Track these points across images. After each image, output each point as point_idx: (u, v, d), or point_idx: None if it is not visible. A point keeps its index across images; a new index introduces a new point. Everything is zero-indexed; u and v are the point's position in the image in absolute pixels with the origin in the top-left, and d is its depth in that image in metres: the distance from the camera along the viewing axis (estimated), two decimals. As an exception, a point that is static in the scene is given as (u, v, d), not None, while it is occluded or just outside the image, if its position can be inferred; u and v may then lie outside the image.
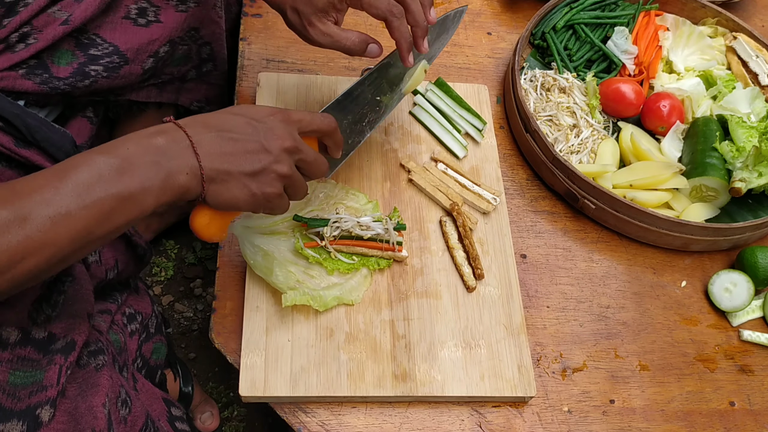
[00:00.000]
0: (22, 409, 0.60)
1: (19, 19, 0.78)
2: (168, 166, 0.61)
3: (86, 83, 0.85)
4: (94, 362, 0.69)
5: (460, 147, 1.03)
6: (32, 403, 0.61)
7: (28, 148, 0.76)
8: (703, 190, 1.05)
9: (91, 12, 0.82)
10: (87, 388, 0.66)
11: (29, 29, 0.79)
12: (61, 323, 0.68)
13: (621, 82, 1.12)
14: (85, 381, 0.67)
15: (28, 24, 0.79)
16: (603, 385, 0.91)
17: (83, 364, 0.69)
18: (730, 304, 0.99)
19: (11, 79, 0.79)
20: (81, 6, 0.82)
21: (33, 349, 0.63)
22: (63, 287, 0.74)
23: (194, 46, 1.01)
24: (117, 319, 0.88)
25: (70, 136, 0.81)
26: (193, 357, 1.37)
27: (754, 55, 1.19)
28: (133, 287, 0.97)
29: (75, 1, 0.82)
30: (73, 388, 0.66)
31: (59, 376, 0.63)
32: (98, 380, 0.68)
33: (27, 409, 0.60)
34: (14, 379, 0.60)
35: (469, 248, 0.92)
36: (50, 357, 0.64)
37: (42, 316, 0.69)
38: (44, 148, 0.77)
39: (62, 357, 0.65)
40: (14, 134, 0.75)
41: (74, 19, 0.81)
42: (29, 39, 0.79)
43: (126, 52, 0.88)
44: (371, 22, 1.19)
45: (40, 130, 0.76)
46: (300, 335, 0.83)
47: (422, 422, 0.83)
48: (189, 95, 1.09)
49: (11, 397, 0.60)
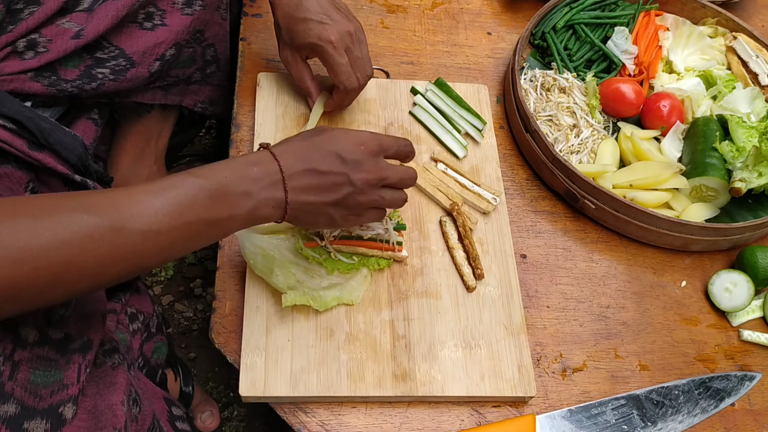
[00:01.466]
0: (45, 408, 0.61)
1: (25, 25, 0.78)
2: (258, 198, 0.67)
3: (93, 86, 0.86)
4: (109, 361, 0.70)
5: (460, 147, 1.03)
6: (54, 402, 0.61)
7: (40, 151, 0.76)
8: (703, 190, 1.05)
9: (104, 27, 0.83)
10: (105, 386, 0.67)
11: (37, 37, 0.80)
12: (76, 323, 0.69)
13: (621, 82, 1.12)
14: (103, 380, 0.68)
15: (36, 32, 0.80)
16: (603, 385, 0.91)
17: (99, 363, 0.69)
18: (730, 304, 0.99)
19: (20, 82, 0.80)
20: (93, 21, 0.82)
21: (51, 350, 0.64)
22: None
23: (199, 48, 1.02)
24: (121, 319, 0.89)
25: (81, 139, 0.81)
26: (193, 357, 1.37)
27: (754, 55, 1.19)
28: (134, 287, 0.97)
29: (86, 14, 0.82)
30: (92, 387, 0.66)
31: (79, 375, 0.64)
32: (115, 379, 0.68)
33: (50, 408, 0.61)
34: (35, 378, 0.61)
35: (469, 248, 0.92)
36: (68, 357, 0.64)
37: (56, 316, 0.69)
38: (57, 150, 0.78)
39: (80, 356, 0.65)
40: (27, 137, 0.75)
41: (87, 34, 0.82)
42: (39, 47, 0.80)
43: (132, 56, 0.88)
44: (371, 22, 1.20)
45: (53, 133, 0.77)
46: (300, 335, 0.83)
47: (422, 422, 0.83)
48: (193, 96, 1.09)
49: (33, 395, 0.60)
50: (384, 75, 1.12)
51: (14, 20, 0.78)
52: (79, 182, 0.80)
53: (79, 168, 0.81)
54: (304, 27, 0.90)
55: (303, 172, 0.70)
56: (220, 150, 1.53)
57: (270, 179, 0.68)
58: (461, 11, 1.26)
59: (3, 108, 0.74)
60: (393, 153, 0.78)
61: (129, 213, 0.59)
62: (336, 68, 0.91)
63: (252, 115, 1.02)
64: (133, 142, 1.13)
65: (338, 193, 0.72)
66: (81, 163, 0.81)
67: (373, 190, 0.75)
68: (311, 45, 0.90)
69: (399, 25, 1.21)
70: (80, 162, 0.81)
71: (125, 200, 0.60)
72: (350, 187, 0.72)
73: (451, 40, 1.21)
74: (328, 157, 0.71)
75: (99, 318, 0.73)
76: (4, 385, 0.59)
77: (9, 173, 0.75)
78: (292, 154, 0.70)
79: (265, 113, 1.00)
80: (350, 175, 0.72)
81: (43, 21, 0.79)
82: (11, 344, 0.60)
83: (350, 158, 0.72)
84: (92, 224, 0.57)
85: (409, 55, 1.17)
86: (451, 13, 1.25)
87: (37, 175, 0.78)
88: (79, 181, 0.80)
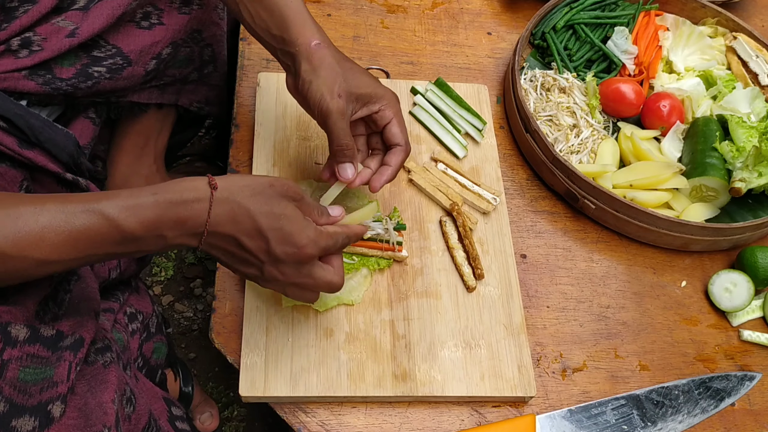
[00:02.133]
0: (33, 405, 0.60)
1: (19, 23, 0.78)
2: (171, 242, 0.64)
3: (89, 84, 0.85)
4: (101, 359, 0.70)
5: (460, 147, 1.03)
6: (43, 399, 0.61)
7: (31, 149, 0.76)
8: (703, 190, 1.05)
9: (99, 27, 0.82)
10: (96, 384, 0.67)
11: (32, 35, 0.79)
12: (69, 321, 0.68)
13: (621, 82, 1.12)
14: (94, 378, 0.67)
15: (30, 30, 0.79)
16: (603, 385, 0.91)
17: (91, 361, 0.69)
18: (730, 304, 0.99)
19: (14, 80, 0.79)
20: (88, 20, 0.82)
21: (42, 347, 0.64)
22: (69, 286, 0.74)
23: (196, 47, 1.01)
24: (119, 318, 0.88)
25: (74, 137, 0.81)
26: (193, 357, 1.37)
27: (754, 55, 1.19)
28: (133, 287, 0.97)
29: (81, 12, 0.82)
30: (82, 384, 0.66)
31: (69, 373, 0.64)
32: (106, 377, 0.68)
33: (38, 405, 0.61)
34: (24, 376, 0.61)
35: (469, 248, 0.92)
36: (59, 354, 0.64)
37: (49, 314, 0.69)
38: (48, 148, 0.77)
39: (71, 354, 0.65)
40: (18, 135, 0.75)
41: (81, 32, 0.81)
42: (33, 46, 0.80)
43: (129, 54, 0.88)
44: (371, 22, 1.20)
45: (43, 130, 0.77)
46: (300, 335, 0.83)
47: (422, 422, 0.83)
48: (189, 96, 1.09)
49: (22, 393, 0.60)
50: (384, 75, 1.12)
51: (8, 18, 0.78)
52: (71, 181, 0.80)
53: (70, 166, 0.81)
54: (364, 77, 0.80)
55: (225, 235, 0.65)
56: (220, 150, 1.53)
57: (191, 230, 0.64)
58: (461, 11, 1.26)
59: None
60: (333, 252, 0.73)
61: (29, 239, 0.58)
62: (403, 125, 0.82)
63: (252, 115, 1.02)
64: (133, 141, 1.13)
65: (244, 269, 0.69)
66: (73, 161, 0.80)
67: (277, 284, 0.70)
68: (380, 96, 0.80)
69: (399, 25, 1.21)
70: (72, 160, 0.80)
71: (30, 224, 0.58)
72: (258, 272, 0.69)
73: (451, 40, 1.21)
74: (257, 238, 0.66)
75: (92, 316, 0.73)
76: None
77: (3, 172, 0.75)
78: (227, 209, 0.65)
79: (265, 113, 1.00)
80: (265, 266, 0.68)
81: (38, 19, 0.79)
82: (1, 343, 0.60)
83: (275, 253, 0.66)
84: None
85: (409, 55, 1.17)
86: (451, 13, 1.25)
87: (31, 173, 0.78)
88: (71, 180, 0.79)
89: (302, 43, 0.77)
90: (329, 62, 0.77)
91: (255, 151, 0.96)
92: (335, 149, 0.78)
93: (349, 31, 1.18)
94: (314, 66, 0.76)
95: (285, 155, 0.97)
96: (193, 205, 0.64)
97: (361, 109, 0.80)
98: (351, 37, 1.17)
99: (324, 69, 0.76)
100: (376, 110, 0.80)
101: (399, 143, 0.81)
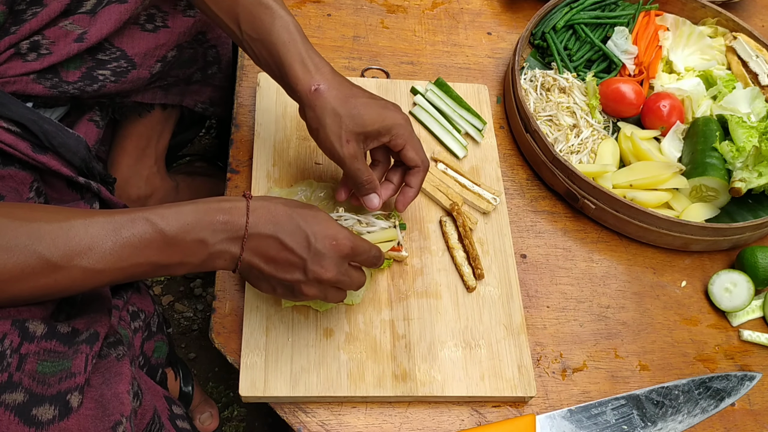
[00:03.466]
0: (53, 394, 0.61)
1: (28, 27, 0.78)
2: (213, 249, 0.66)
3: (94, 87, 0.86)
4: (114, 353, 0.70)
5: (460, 147, 1.03)
6: (62, 389, 0.62)
7: (44, 154, 0.76)
8: (703, 190, 1.05)
9: (107, 31, 0.83)
10: (110, 376, 0.67)
11: (40, 39, 0.80)
12: (83, 319, 0.69)
13: (621, 82, 1.12)
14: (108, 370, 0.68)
15: (39, 33, 0.79)
16: (603, 385, 0.91)
17: (104, 355, 0.70)
18: (730, 304, 0.99)
19: (23, 84, 0.80)
20: (96, 25, 0.82)
21: (58, 342, 0.65)
22: None
23: (200, 49, 1.02)
24: (123, 316, 0.89)
25: (84, 141, 0.81)
26: (193, 357, 1.37)
27: (754, 55, 1.19)
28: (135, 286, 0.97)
29: (88, 17, 0.82)
30: (97, 377, 0.67)
31: (86, 364, 0.64)
32: (120, 369, 0.69)
33: (57, 395, 0.61)
34: (43, 369, 0.62)
35: (469, 248, 0.92)
36: (76, 347, 0.65)
37: (63, 314, 0.70)
38: (60, 153, 0.78)
39: (87, 347, 0.66)
40: (31, 140, 0.75)
41: (90, 37, 0.82)
42: (41, 49, 0.80)
43: (133, 57, 0.88)
44: (371, 22, 1.20)
45: (56, 135, 0.77)
46: (300, 335, 0.83)
47: (422, 422, 0.83)
48: (194, 97, 1.09)
49: (41, 383, 0.61)
50: (384, 75, 1.12)
51: (17, 21, 0.78)
52: (83, 184, 0.80)
53: (82, 170, 0.81)
54: (370, 111, 0.80)
55: (267, 236, 0.68)
56: (220, 150, 1.53)
57: (232, 233, 0.66)
58: (461, 11, 1.26)
59: (7, 111, 0.74)
60: (361, 260, 0.75)
61: (79, 249, 0.60)
62: (417, 147, 0.83)
63: (252, 115, 1.02)
64: (134, 142, 1.13)
65: (288, 274, 0.70)
66: (84, 165, 0.81)
67: (320, 286, 0.72)
68: (388, 128, 0.80)
69: (399, 25, 1.21)
70: (84, 164, 0.81)
71: (80, 234, 0.60)
72: (302, 274, 0.70)
73: (451, 40, 1.21)
74: (298, 235, 0.69)
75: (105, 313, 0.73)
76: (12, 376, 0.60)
77: (13, 174, 0.75)
78: (265, 213, 0.68)
79: (265, 113, 1.00)
80: (308, 263, 0.69)
81: (47, 23, 0.79)
82: (19, 338, 0.61)
83: (316, 247, 0.69)
84: (37, 258, 0.58)
85: (409, 55, 1.17)
86: (451, 13, 1.25)
87: (41, 175, 0.79)
88: (82, 183, 0.80)
89: (301, 90, 0.78)
90: (331, 108, 0.78)
91: (255, 151, 0.96)
92: (357, 186, 0.82)
93: (349, 31, 1.18)
94: (317, 114, 0.78)
95: (285, 155, 0.97)
96: (231, 210, 0.67)
97: (372, 142, 0.81)
98: (351, 37, 1.17)
99: (327, 117, 0.78)
100: (388, 141, 0.81)
101: (417, 165, 0.84)
